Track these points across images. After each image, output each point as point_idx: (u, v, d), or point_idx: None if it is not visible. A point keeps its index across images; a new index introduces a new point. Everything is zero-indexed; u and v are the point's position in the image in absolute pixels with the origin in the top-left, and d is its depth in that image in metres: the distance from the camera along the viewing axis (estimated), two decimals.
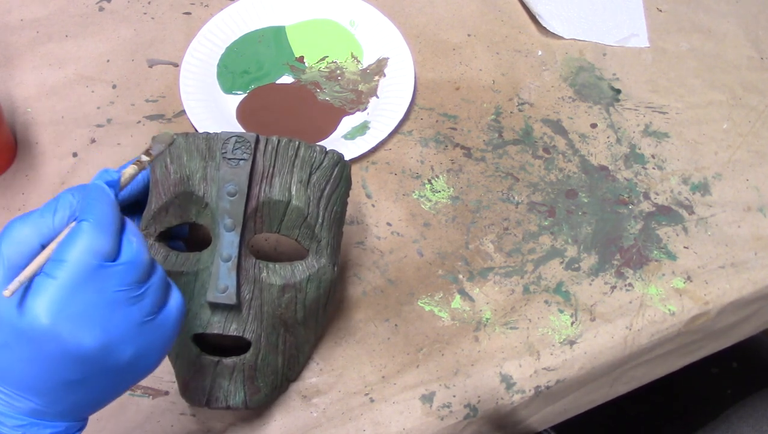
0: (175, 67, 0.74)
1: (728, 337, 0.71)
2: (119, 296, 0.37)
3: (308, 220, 0.51)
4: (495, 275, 0.64)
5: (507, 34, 0.80)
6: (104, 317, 0.37)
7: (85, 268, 0.36)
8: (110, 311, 0.37)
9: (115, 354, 0.38)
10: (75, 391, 0.38)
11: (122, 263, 0.38)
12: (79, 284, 0.36)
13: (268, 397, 0.54)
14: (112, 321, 0.37)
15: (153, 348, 0.40)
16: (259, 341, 0.52)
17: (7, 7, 0.77)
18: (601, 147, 0.73)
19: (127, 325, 0.38)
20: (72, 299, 0.36)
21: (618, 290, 0.64)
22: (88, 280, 0.36)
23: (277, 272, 0.52)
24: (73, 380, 0.37)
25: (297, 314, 0.53)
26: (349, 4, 0.79)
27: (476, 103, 0.74)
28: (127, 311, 0.38)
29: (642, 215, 0.69)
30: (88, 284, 0.36)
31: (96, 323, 0.36)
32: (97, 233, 0.37)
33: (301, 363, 0.57)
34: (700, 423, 0.77)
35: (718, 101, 0.77)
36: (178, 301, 0.41)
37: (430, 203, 0.68)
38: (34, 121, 0.70)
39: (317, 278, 0.52)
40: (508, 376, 0.59)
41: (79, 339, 0.36)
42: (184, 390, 0.53)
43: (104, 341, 0.37)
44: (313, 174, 0.52)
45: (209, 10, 0.79)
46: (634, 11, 0.84)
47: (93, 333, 0.36)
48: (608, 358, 0.62)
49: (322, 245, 0.53)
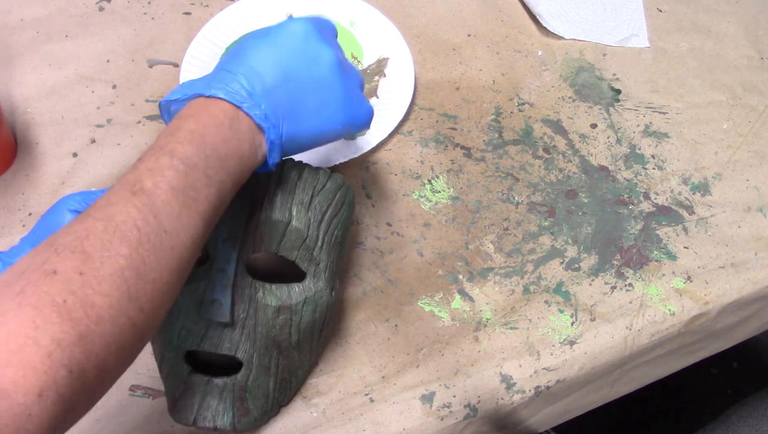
0: (175, 67, 0.74)
1: (728, 338, 0.71)
2: (341, 51, 0.52)
3: (307, 242, 0.51)
4: (495, 275, 0.64)
5: (507, 34, 0.80)
6: (333, 45, 0.50)
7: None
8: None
9: (337, 74, 0.49)
10: (285, 88, 0.47)
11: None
12: (317, 23, 0.50)
13: (257, 421, 0.54)
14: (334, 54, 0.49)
15: (355, 103, 0.51)
16: (251, 361, 0.51)
17: (7, 7, 0.77)
18: (601, 147, 0.73)
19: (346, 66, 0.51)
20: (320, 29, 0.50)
21: (618, 291, 0.64)
22: (320, 25, 0.50)
23: (273, 293, 0.51)
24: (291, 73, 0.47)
25: (291, 337, 0.52)
26: (349, 4, 0.79)
27: (476, 104, 0.74)
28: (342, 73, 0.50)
29: (642, 215, 0.69)
30: (320, 27, 0.50)
31: (329, 47, 0.49)
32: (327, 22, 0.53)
33: (294, 389, 0.56)
34: (700, 423, 0.77)
35: (718, 101, 0.77)
36: (370, 106, 0.53)
37: (430, 203, 0.68)
38: (34, 121, 0.70)
39: (313, 302, 0.52)
40: (508, 376, 0.59)
41: (324, 47, 0.48)
42: (172, 408, 0.52)
43: (333, 62, 0.49)
44: (315, 197, 0.51)
45: (209, 10, 0.79)
46: (634, 11, 0.84)
47: (331, 51, 0.49)
48: (608, 358, 0.62)
49: (320, 268, 0.52)
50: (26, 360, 0.32)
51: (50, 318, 0.33)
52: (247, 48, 0.47)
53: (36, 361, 0.32)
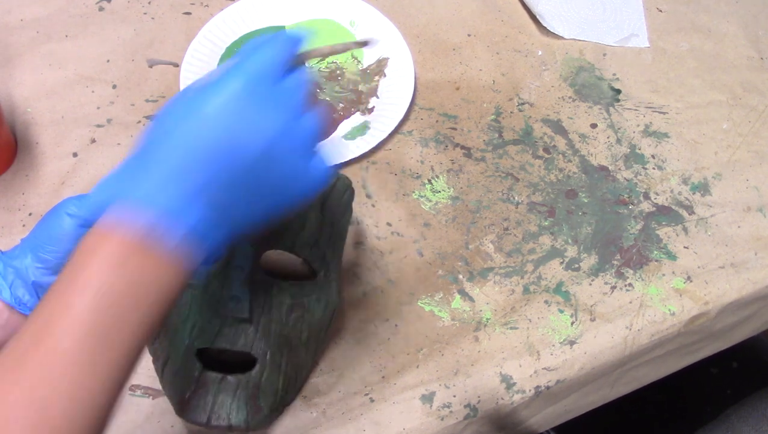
0: (175, 67, 0.74)
1: (728, 337, 0.71)
2: (287, 109, 0.40)
3: (320, 241, 0.51)
4: (495, 275, 0.64)
5: (507, 34, 0.80)
6: (269, 118, 0.39)
7: (262, 69, 0.40)
8: (277, 117, 0.39)
9: (270, 164, 0.39)
10: (230, 193, 0.39)
11: (292, 78, 0.41)
12: (256, 81, 0.39)
13: (267, 418, 0.53)
14: (273, 126, 0.39)
15: (299, 180, 0.41)
16: (264, 358, 0.51)
17: (7, 7, 0.77)
18: (601, 147, 0.73)
19: (286, 133, 0.40)
20: (246, 94, 0.39)
21: (618, 291, 0.64)
22: (261, 81, 0.39)
23: (287, 291, 0.51)
24: (227, 178, 0.38)
25: (302, 334, 0.52)
26: (349, 4, 0.79)
27: (476, 104, 0.74)
28: (287, 123, 0.40)
29: (642, 215, 0.69)
30: (260, 85, 0.39)
31: (259, 125, 0.39)
32: (280, 46, 0.41)
33: (297, 387, 0.56)
34: (700, 423, 0.77)
35: (718, 101, 0.77)
36: (323, 165, 0.42)
37: (430, 203, 0.68)
38: (34, 121, 0.70)
39: (325, 299, 0.52)
40: (508, 376, 0.59)
41: (247, 136, 0.38)
42: (183, 408, 0.51)
43: (264, 145, 0.39)
44: (328, 196, 0.52)
45: (209, 10, 0.79)
46: (634, 11, 0.84)
47: (258, 133, 0.39)
48: (608, 358, 0.62)
49: (330, 268, 0.53)
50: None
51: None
52: (161, 142, 0.38)
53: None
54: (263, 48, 0.40)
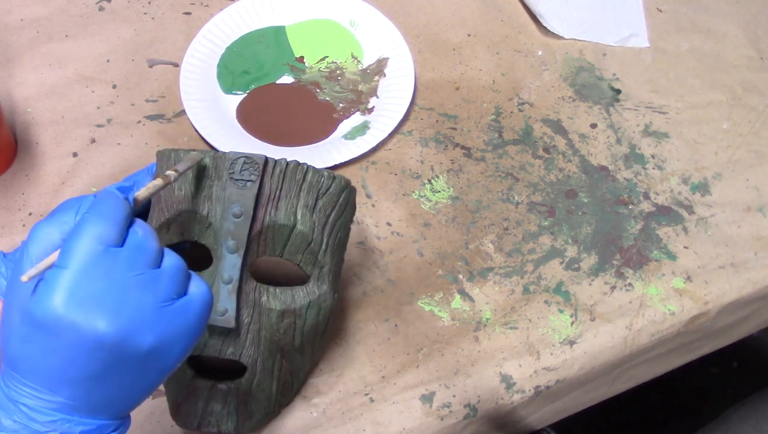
0: (175, 67, 0.74)
1: (728, 337, 0.71)
2: (130, 280, 0.37)
3: (312, 246, 0.50)
4: (495, 275, 0.64)
5: (507, 34, 0.80)
6: (116, 301, 0.37)
7: (92, 254, 0.37)
8: (122, 295, 0.37)
9: (133, 340, 0.37)
10: (101, 383, 0.38)
11: (128, 247, 0.38)
12: (87, 270, 0.37)
13: (260, 423, 0.54)
14: (125, 305, 0.37)
15: (175, 336, 0.39)
16: (255, 366, 0.51)
17: (7, 7, 0.77)
18: (601, 147, 0.73)
19: (142, 310, 0.38)
20: (82, 286, 0.36)
21: (618, 290, 0.64)
22: (96, 265, 0.37)
23: (278, 297, 0.51)
24: (96, 370, 0.37)
25: (295, 340, 0.52)
26: (349, 4, 0.79)
27: (476, 104, 0.74)
28: (141, 295, 0.38)
29: (642, 215, 0.69)
30: (96, 270, 0.37)
31: (108, 307, 0.37)
32: (101, 221, 0.38)
33: (295, 390, 0.56)
34: (700, 423, 0.77)
35: (718, 101, 0.77)
36: (202, 289, 0.41)
37: (430, 203, 0.68)
38: (34, 121, 0.70)
39: (317, 305, 0.51)
40: (508, 376, 0.59)
41: (94, 325, 0.36)
42: (176, 413, 0.52)
43: (119, 325, 0.37)
44: (320, 199, 0.51)
45: (209, 10, 0.79)
46: (634, 11, 0.84)
47: (107, 318, 0.36)
48: (608, 358, 0.62)
49: (324, 272, 0.52)
50: None
51: None
52: (22, 361, 0.37)
53: None
54: (84, 230, 0.37)
